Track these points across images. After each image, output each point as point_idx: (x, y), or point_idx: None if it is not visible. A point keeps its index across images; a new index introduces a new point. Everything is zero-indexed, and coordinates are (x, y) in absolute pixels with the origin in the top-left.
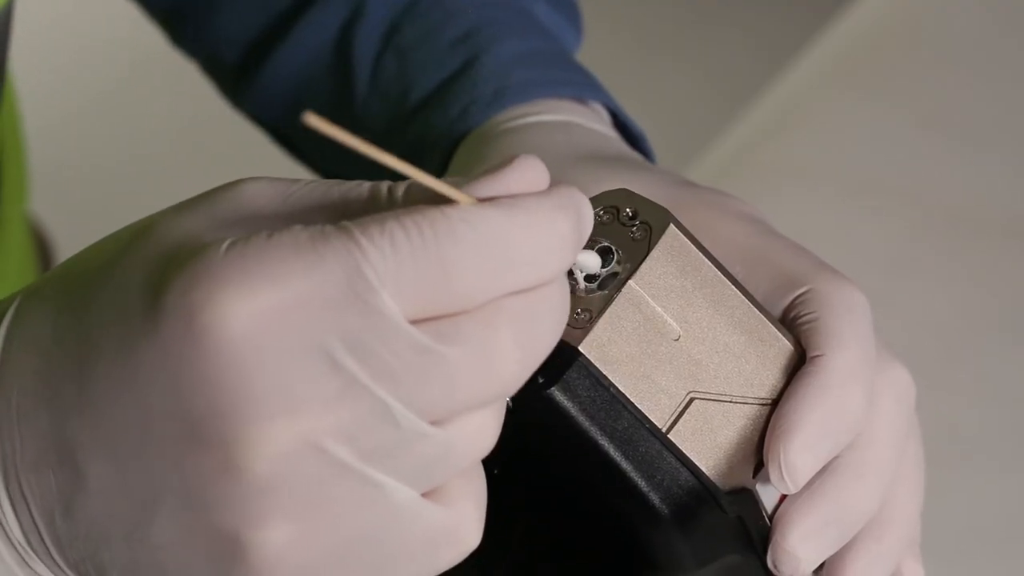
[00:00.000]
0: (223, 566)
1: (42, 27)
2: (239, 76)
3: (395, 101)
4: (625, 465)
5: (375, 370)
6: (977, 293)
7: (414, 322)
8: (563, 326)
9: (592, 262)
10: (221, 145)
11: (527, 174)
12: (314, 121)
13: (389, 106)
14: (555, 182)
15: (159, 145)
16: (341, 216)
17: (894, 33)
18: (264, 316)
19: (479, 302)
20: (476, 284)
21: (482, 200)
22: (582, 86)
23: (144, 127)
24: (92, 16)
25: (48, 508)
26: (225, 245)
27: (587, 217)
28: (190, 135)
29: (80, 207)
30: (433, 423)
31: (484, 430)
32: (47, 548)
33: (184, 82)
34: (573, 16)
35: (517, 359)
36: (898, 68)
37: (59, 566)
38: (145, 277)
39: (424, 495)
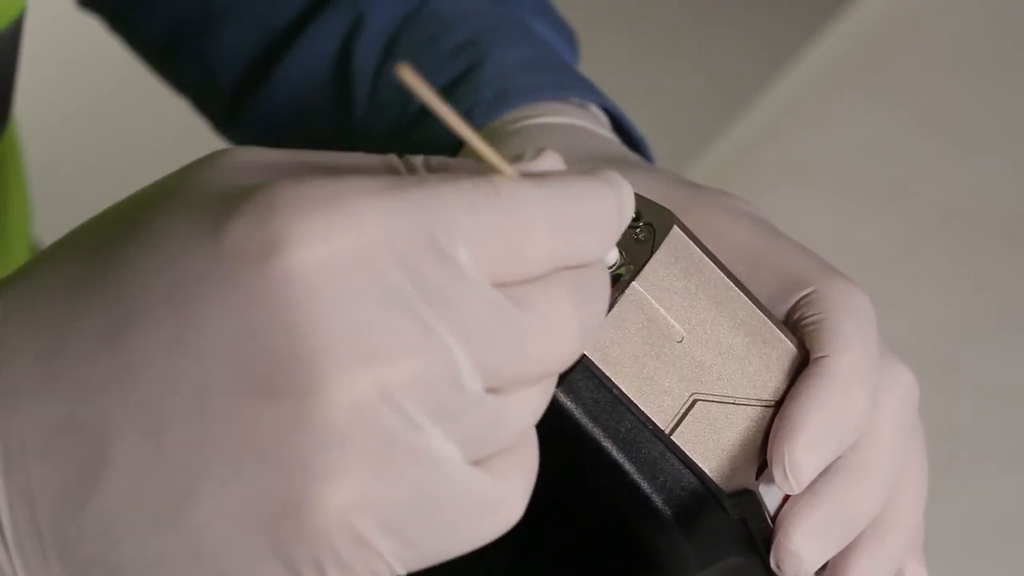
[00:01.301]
0: (276, 534)
1: (39, 28)
2: (237, 99)
3: (396, 111)
4: (628, 467)
5: (451, 323)
6: (977, 293)
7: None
8: (604, 311)
9: (613, 255)
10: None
11: (558, 161)
12: (407, 75)
13: (390, 116)
14: (594, 167)
15: (158, 149)
16: None
17: (894, 33)
18: (346, 256)
19: (543, 271)
20: (546, 252)
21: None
22: (583, 91)
23: (142, 131)
24: (89, 19)
25: (57, 503)
26: (293, 180)
27: (629, 198)
28: (189, 140)
29: (77, 212)
30: (490, 390)
31: (532, 402)
32: (44, 555)
33: None
34: (568, 38)
35: (577, 335)
36: (898, 68)
37: None
38: (194, 219)
39: (475, 463)
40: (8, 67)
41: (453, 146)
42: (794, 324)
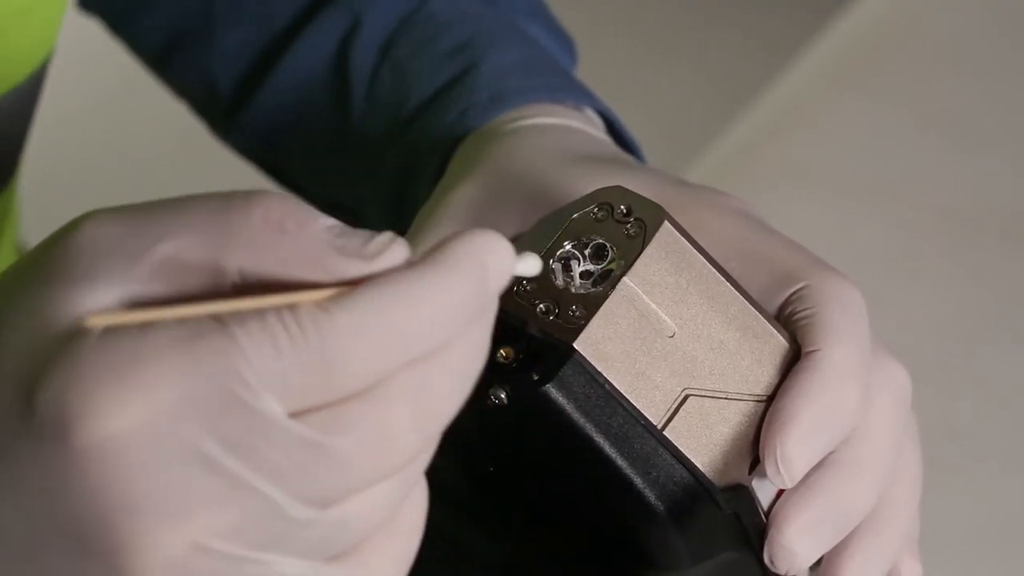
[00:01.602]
0: None
1: None
2: (236, 101)
3: (392, 111)
4: (621, 462)
5: (261, 469)
6: (976, 293)
7: (300, 413)
8: (465, 392)
9: (531, 267)
10: (219, 154)
11: (400, 254)
12: (97, 320)
13: (386, 117)
14: (455, 235)
15: (157, 152)
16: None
17: (894, 33)
18: (142, 426)
19: (368, 384)
20: (364, 374)
21: (357, 282)
22: (578, 93)
23: (141, 134)
24: (87, 20)
25: None
26: (95, 339)
27: (497, 261)
28: (188, 143)
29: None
30: (326, 506)
31: (383, 500)
32: None
33: None
34: (566, 44)
35: (413, 432)
36: (898, 68)
37: None
38: (15, 377)
39: (335, 558)
40: (23, 120)
41: (447, 145)
42: (786, 319)
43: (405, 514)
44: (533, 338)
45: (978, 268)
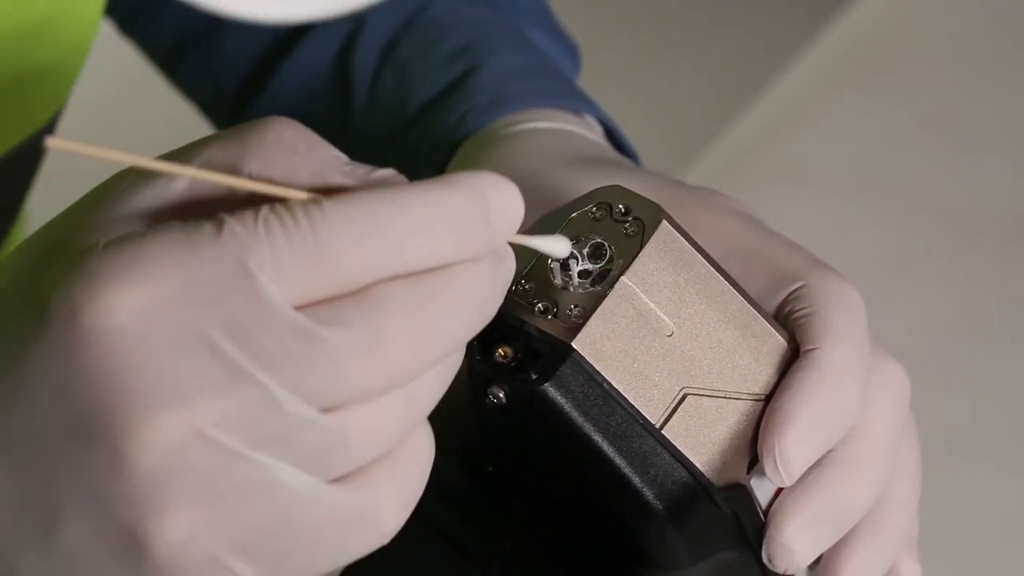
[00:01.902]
0: (130, 563)
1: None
2: (241, 101)
3: (393, 113)
4: (619, 461)
5: (257, 356)
6: (976, 293)
7: (298, 307)
8: (475, 317)
9: (559, 247)
10: None
11: (395, 177)
12: (55, 144)
13: (387, 118)
14: (451, 175)
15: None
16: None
17: (894, 33)
18: (144, 310)
19: (362, 284)
20: (353, 266)
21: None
22: (578, 100)
23: (142, 132)
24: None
25: None
26: (101, 245)
27: (498, 199)
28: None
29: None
30: (325, 411)
31: (383, 419)
32: None
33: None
34: (570, 51)
35: (405, 347)
36: (898, 68)
37: None
38: (28, 283)
39: (337, 480)
40: (30, 172)
41: (448, 147)
42: (784, 318)
43: (409, 452)
44: (531, 337)
45: (978, 269)
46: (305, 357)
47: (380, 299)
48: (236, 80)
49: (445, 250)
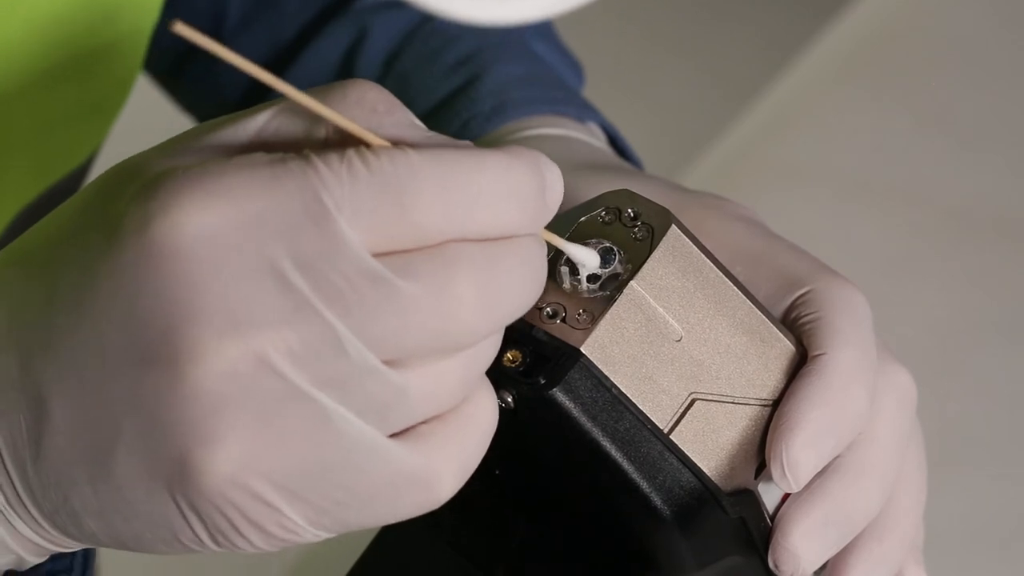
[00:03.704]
0: (178, 493)
1: None
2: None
3: None
4: (627, 466)
5: (326, 294)
6: (976, 293)
7: (373, 255)
8: (534, 288)
9: (591, 259)
10: None
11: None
12: (182, 29)
13: None
14: (512, 146)
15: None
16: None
17: (894, 33)
18: (218, 231)
19: (437, 240)
20: (433, 219)
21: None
22: (581, 107)
23: (143, 130)
24: None
25: (20, 456)
26: (182, 169)
27: (551, 177)
28: None
29: None
30: (388, 363)
31: (445, 379)
32: (22, 501)
33: None
34: (574, 65)
35: (474, 307)
36: (899, 68)
37: (37, 521)
38: (103, 202)
39: (396, 436)
40: None
41: None
42: (792, 323)
43: (471, 417)
44: (540, 342)
45: (978, 268)
46: (374, 303)
47: (453, 256)
48: (238, 93)
49: (511, 218)
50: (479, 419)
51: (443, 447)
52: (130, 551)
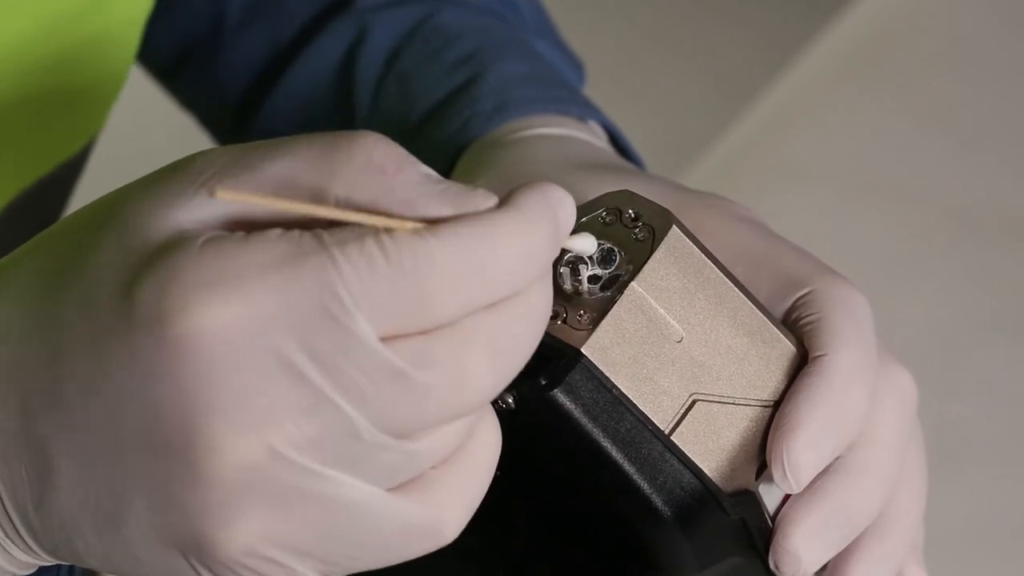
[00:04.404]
0: (193, 558)
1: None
2: (243, 112)
3: (397, 121)
4: (628, 467)
5: (345, 388)
6: (976, 293)
7: (387, 339)
8: (540, 329)
9: (587, 245)
10: None
11: (487, 199)
12: (225, 194)
13: (391, 127)
14: (529, 185)
15: (159, 147)
16: (311, 199)
17: (894, 33)
18: (237, 328)
19: (452, 319)
20: (451, 305)
21: (439, 221)
22: (582, 106)
23: (145, 127)
24: None
25: (21, 500)
26: (199, 244)
27: (565, 216)
28: (191, 141)
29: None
30: (399, 436)
31: (456, 434)
32: (22, 537)
33: None
34: (575, 65)
35: (490, 374)
36: (899, 68)
37: (36, 552)
38: (116, 272)
39: (400, 487)
40: (68, 189)
41: (451, 154)
42: (792, 324)
43: (473, 451)
44: (541, 343)
45: (978, 268)
46: (392, 393)
47: (467, 335)
48: (239, 90)
49: (525, 277)
50: (483, 455)
51: (449, 493)
52: None
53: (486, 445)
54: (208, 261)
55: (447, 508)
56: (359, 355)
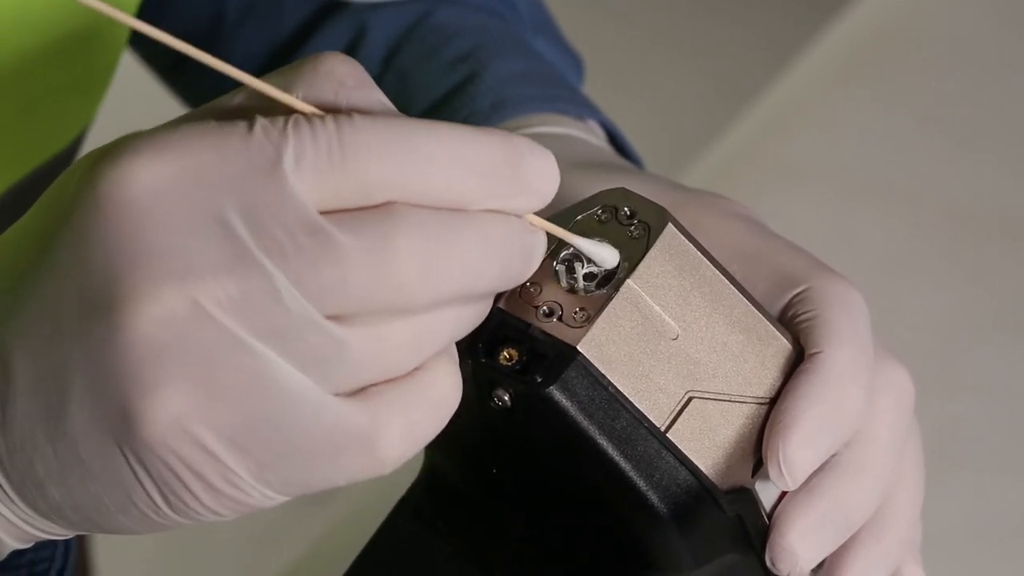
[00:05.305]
0: (124, 445)
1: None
2: None
3: None
4: (624, 464)
5: (266, 244)
6: (976, 293)
7: (320, 212)
8: (493, 266)
9: (611, 258)
10: None
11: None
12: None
13: None
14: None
15: None
16: None
17: (894, 33)
18: (163, 185)
19: (383, 201)
20: (377, 175)
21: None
22: (581, 106)
23: (138, 120)
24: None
25: None
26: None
27: (537, 162)
28: None
29: None
30: (330, 318)
31: (389, 341)
32: (2, 488)
33: None
34: (574, 61)
35: (415, 270)
36: (898, 68)
37: (9, 496)
38: (70, 177)
39: (342, 395)
40: None
41: None
42: (788, 321)
43: (422, 386)
44: (536, 340)
45: (977, 268)
46: (313, 255)
47: (397, 216)
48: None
49: (470, 191)
50: (434, 388)
51: (387, 406)
52: (97, 531)
53: (440, 379)
54: (144, 135)
55: (384, 422)
56: (284, 211)
